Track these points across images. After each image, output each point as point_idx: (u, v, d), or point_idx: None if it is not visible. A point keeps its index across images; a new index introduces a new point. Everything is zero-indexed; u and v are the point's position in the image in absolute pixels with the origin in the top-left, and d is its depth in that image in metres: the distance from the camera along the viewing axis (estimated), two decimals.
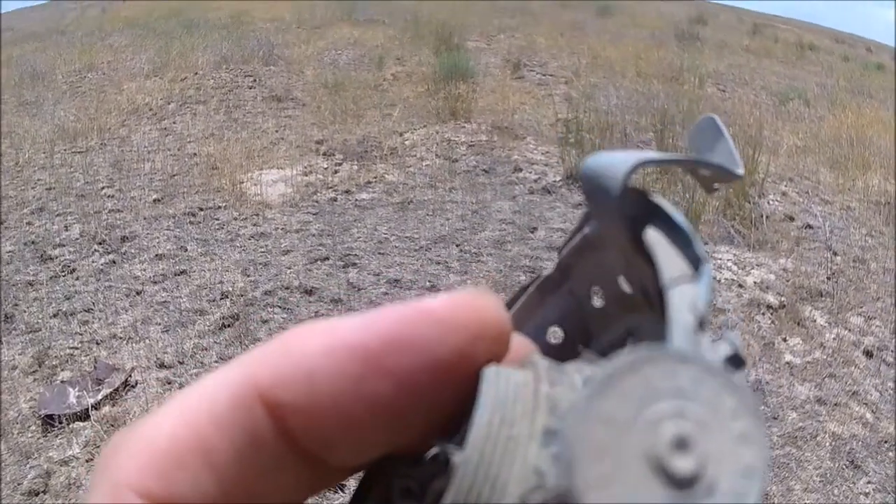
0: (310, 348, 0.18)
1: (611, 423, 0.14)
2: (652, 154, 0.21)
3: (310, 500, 0.21)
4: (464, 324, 0.19)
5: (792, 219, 4.30)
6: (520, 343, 0.21)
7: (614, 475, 0.14)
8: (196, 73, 7.09)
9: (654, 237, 0.21)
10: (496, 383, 0.17)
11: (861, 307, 3.41)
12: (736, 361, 0.18)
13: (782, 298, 3.39)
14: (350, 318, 0.18)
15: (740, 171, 0.22)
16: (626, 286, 0.23)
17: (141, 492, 0.17)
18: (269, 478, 0.18)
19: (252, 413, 0.18)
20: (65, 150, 5.09)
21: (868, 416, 2.67)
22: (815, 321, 3.26)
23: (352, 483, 0.21)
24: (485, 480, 0.16)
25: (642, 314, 0.23)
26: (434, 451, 0.18)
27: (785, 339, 3.10)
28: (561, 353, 0.24)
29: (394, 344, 0.18)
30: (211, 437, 0.17)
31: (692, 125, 0.24)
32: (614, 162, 0.21)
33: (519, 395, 0.17)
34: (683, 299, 0.19)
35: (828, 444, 2.50)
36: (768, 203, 4.45)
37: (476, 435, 0.16)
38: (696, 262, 0.20)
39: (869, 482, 2.35)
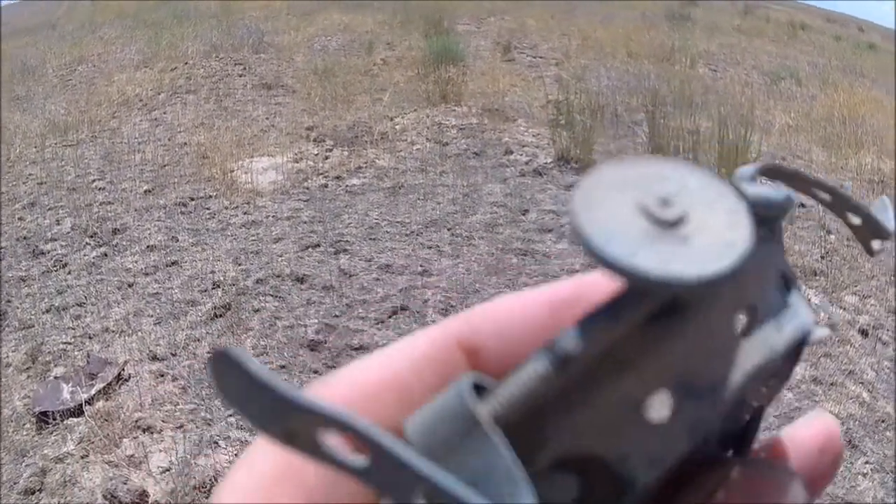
0: (506, 302, 0.22)
1: (609, 186, 0.16)
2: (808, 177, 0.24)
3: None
4: None
5: None
6: None
7: (606, 214, 0.16)
8: (186, 63, 7.04)
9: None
10: None
11: (856, 286, 3.41)
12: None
13: None
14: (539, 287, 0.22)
15: (891, 226, 0.24)
16: None
17: None
18: None
19: (450, 358, 0.20)
20: (55, 143, 5.07)
21: (864, 395, 2.67)
22: (809, 300, 3.26)
23: None
24: None
25: None
26: None
27: None
28: None
29: (577, 296, 0.21)
30: (407, 377, 0.20)
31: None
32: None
33: None
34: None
35: None
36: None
37: None
38: None
39: (867, 462, 2.35)
